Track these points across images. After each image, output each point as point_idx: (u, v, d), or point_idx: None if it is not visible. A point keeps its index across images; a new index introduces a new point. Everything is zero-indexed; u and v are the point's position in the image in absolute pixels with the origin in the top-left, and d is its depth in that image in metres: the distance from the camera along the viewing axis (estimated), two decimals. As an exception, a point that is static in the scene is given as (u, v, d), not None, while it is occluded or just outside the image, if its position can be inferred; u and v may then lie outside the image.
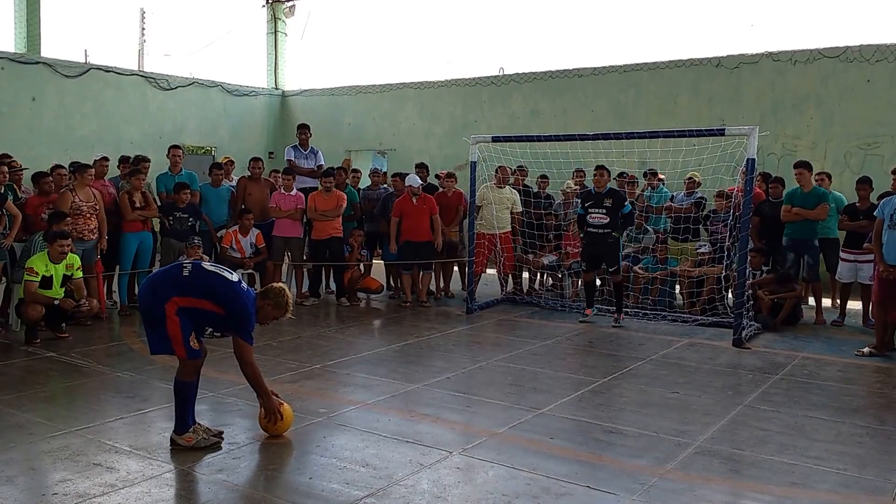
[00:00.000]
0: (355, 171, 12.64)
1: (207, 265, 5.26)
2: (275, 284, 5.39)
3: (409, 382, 6.82)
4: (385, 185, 12.10)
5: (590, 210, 9.62)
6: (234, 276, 5.16)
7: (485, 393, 6.64)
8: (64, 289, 8.27)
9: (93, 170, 9.55)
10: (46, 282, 8.12)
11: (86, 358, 7.56)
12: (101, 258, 9.52)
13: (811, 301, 10.31)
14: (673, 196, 11.26)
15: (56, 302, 8.11)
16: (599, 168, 9.82)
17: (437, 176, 12.21)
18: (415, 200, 10.68)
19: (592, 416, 5.94)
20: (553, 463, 4.91)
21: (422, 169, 12.14)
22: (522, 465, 4.85)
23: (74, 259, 8.41)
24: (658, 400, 6.39)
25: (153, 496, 4.33)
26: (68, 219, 8.66)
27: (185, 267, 5.11)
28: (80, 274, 8.47)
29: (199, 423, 5.20)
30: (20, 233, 8.78)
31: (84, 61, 15.94)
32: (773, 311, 9.53)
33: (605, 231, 9.53)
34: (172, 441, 5.10)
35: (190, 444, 5.03)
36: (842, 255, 9.82)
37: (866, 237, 9.31)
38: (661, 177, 11.53)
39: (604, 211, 9.51)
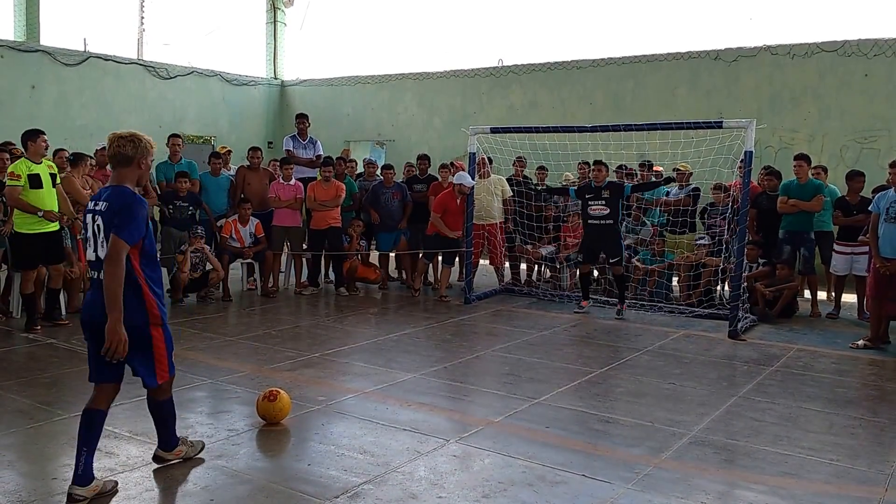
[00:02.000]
0: (350, 161, 12.65)
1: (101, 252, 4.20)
2: (116, 136, 4.42)
3: (406, 372, 6.86)
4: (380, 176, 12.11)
5: (589, 202, 9.66)
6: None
7: (482, 382, 6.69)
8: (56, 190, 8.24)
9: (90, 160, 9.56)
10: (36, 183, 7.96)
11: (86, 344, 7.58)
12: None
13: (807, 294, 10.38)
14: (668, 192, 11.27)
15: (40, 214, 8.00)
16: (598, 163, 9.83)
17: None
18: (459, 201, 10.65)
19: (588, 405, 5.98)
20: (549, 451, 4.95)
21: (423, 161, 12.16)
22: (519, 453, 4.90)
23: (53, 164, 8.40)
24: (654, 390, 6.44)
25: (153, 481, 4.37)
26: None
27: (101, 276, 4.13)
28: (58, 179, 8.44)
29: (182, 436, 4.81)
30: None
31: (83, 49, 15.93)
32: (768, 304, 9.58)
33: (606, 222, 9.58)
34: (159, 458, 4.62)
35: (181, 457, 4.65)
36: (836, 247, 9.89)
37: (861, 230, 9.37)
38: (658, 169, 11.56)
39: (603, 202, 9.55)
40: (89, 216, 4.24)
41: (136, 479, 4.38)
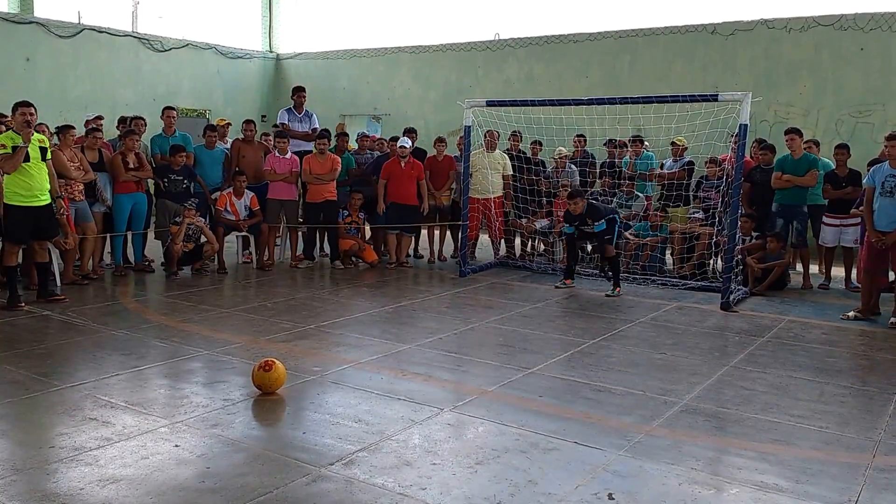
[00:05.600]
0: (344, 135, 12.62)
1: None
2: None
3: (401, 343, 6.91)
4: (370, 150, 12.15)
5: (580, 227, 9.65)
6: None
7: (476, 353, 6.74)
8: (45, 164, 8.01)
9: (75, 130, 9.51)
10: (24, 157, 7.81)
11: (81, 317, 7.63)
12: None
13: (799, 267, 10.43)
14: (663, 163, 11.29)
15: (24, 144, 7.78)
16: (571, 196, 9.59)
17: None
18: (402, 164, 10.75)
19: (581, 375, 6.03)
20: (542, 420, 5.00)
21: (411, 133, 12.14)
22: (512, 421, 4.94)
23: (44, 139, 8.20)
24: (646, 360, 6.49)
25: (148, 449, 4.41)
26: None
27: None
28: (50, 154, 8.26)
29: None
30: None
31: (77, 22, 15.83)
32: (756, 281, 9.61)
33: (606, 237, 9.56)
34: None
35: None
36: (825, 219, 9.92)
37: (851, 203, 9.40)
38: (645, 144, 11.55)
39: (589, 227, 9.56)
40: None
41: (132, 448, 4.41)
